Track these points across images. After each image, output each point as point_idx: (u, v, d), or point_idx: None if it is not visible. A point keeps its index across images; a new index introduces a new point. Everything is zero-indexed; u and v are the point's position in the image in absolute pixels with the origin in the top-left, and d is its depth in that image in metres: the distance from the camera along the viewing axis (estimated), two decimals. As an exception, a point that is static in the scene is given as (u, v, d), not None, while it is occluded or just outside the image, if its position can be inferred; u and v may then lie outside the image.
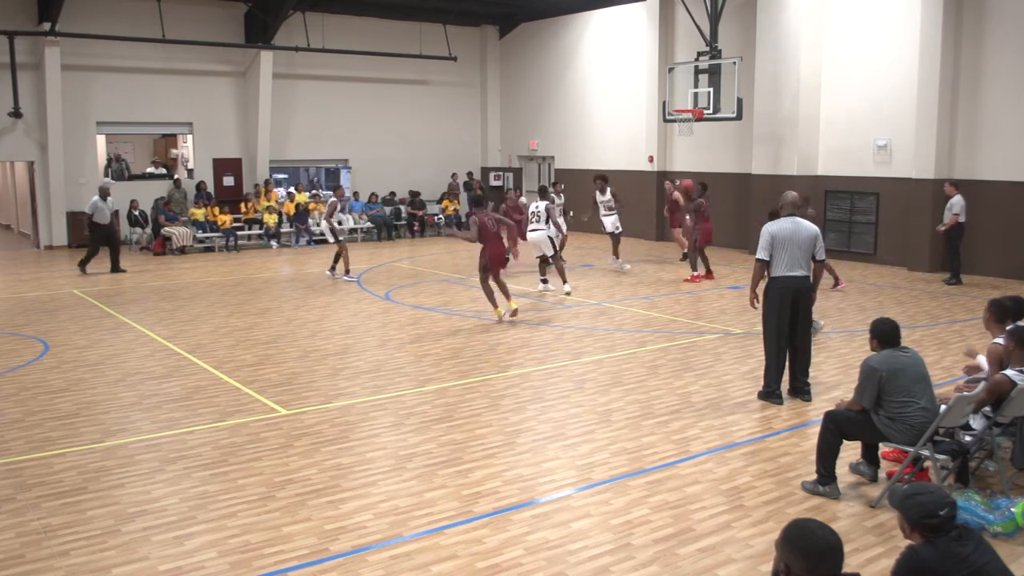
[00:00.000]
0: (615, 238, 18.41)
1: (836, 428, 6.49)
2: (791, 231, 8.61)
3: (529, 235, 15.38)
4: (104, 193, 18.61)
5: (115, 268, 18.53)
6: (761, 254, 8.67)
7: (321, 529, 6.00)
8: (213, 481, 6.90)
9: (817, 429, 6.69)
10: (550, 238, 15.23)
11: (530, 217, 15.43)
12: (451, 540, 5.82)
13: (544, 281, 15.75)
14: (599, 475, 6.98)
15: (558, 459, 7.35)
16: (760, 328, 9.13)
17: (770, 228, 8.68)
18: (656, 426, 8.19)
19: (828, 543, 3.38)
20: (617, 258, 18.43)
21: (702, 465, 7.19)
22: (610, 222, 18.22)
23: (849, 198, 19.42)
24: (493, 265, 12.86)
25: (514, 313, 13.00)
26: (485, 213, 12.99)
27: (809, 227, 8.69)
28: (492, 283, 13.00)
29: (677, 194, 18.93)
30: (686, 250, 18.79)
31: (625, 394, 9.25)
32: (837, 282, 15.56)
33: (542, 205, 15.40)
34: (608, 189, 18.11)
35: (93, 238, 18.66)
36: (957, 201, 15.97)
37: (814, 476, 6.61)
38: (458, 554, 5.62)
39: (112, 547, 5.77)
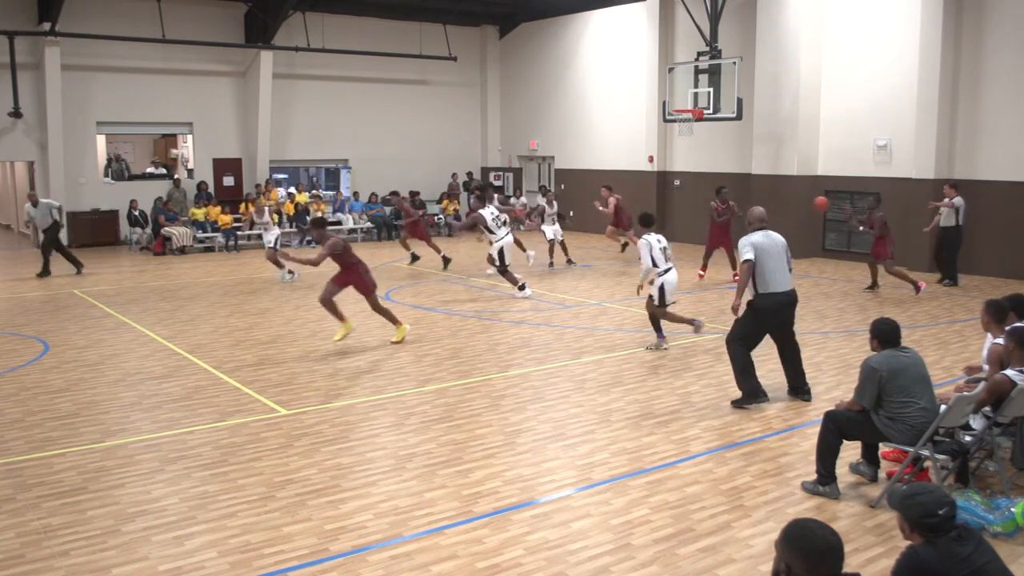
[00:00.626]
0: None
1: (836, 428, 6.49)
2: (768, 242, 8.71)
3: (500, 242, 15.12)
4: (32, 200, 18.12)
5: (77, 268, 18.18)
6: (748, 254, 8.65)
7: (321, 529, 6.00)
8: (213, 481, 6.90)
9: (817, 429, 6.68)
10: (501, 248, 15.14)
11: (492, 225, 15.17)
12: (451, 540, 5.82)
13: (523, 287, 15.17)
14: (599, 475, 6.99)
15: (558, 459, 7.36)
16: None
17: (749, 239, 8.73)
18: (656, 426, 8.19)
19: (828, 543, 3.38)
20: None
21: (702, 465, 7.19)
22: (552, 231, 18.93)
23: (849, 198, 19.39)
24: (367, 291, 11.63)
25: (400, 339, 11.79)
26: (337, 236, 11.77)
27: (780, 238, 8.85)
28: (376, 310, 11.76)
29: (613, 199, 19.17)
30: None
31: (625, 394, 9.25)
32: (916, 286, 15.03)
33: (495, 210, 15.47)
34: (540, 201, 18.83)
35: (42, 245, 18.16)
36: (960, 201, 15.86)
37: (814, 476, 6.61)
38: (458, 554, 5.62)
39: (112, 547, 5.77)
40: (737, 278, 15.81)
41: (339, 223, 25.10)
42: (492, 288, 16.08)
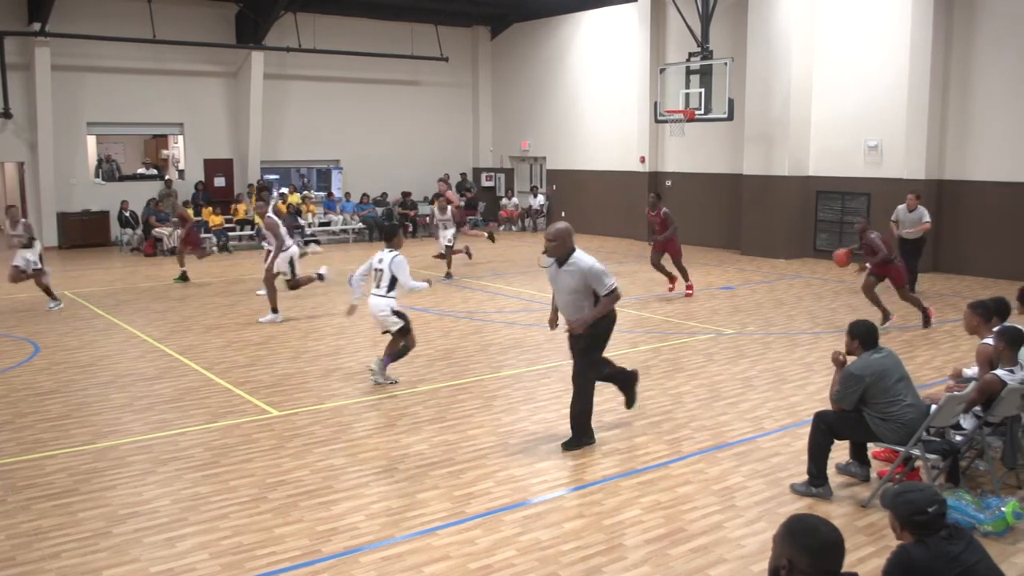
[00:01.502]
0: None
1: (827, 428, 6.51)
2: None
3: (290, 252, 13.61)
4: None
5: None
6: (614, 279, 7.49)
7: (313, 530, 5.99)
8: (205, 483, 6.88)
9: (808, 428, 6.70)
10: (292, 258, 13.56)
11: (284, 233, 13.65)
12: (443, 541, 5.82)
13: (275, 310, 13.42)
14: (591, 476, 7.00)
15: (550, 460, 7.36)
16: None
17: (596, 260, 7.50)
18: (648, 427, 8.21)
19: (832, 538, 3.37)
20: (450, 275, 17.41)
21: (693, 465, 7.20)
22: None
23: (840, 198, 19.49)
24: None
25: None
26: None
27: None
28: None
29: (450, 193, 18.77)
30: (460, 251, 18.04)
31: (616, 395, 9.17)
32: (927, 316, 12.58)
33: (276, 218, 13.86)
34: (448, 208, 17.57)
35: None
36: (927, 217, 14.79)
37: (803, 478, 6.62)
38: (450, 555, 5.62)
39: (103, 549, 5.76)
40: (672, 289, 15.21)
41: (329, 223, 25.14)
42: (483, 289, 16.08)
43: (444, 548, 5.72)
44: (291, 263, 13.55)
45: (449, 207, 17.69)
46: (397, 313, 9.52)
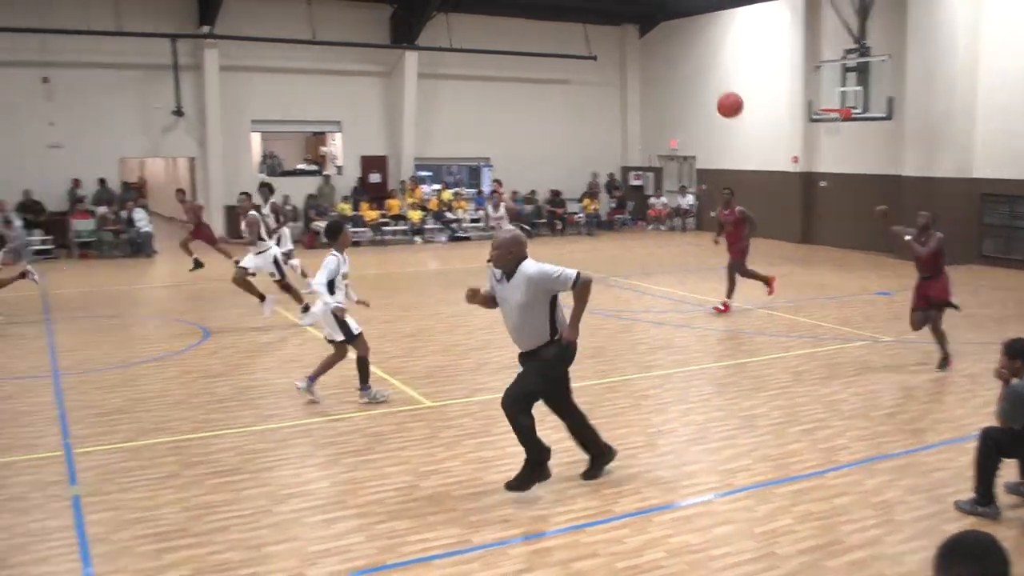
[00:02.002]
0: None
1: (994, 445, 6.20)
2: None
3: (272, 252, 13.21)
4: None
5: None
6: (570, 270, 6.56)
7: (465, 520, 6.12)
8: (361, 468, 7.14)
9: (973, 444, 6.38)
10: (275, 257, 13.13)
11: (264, 231, 13.22)
12: (592, 538, 5.84)
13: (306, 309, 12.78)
14: (741, 481, 6.88)
15: (699, 462, 7.29)
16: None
17: (542, 263, 6.74)
18: (801, 434, 8.00)
19: (991, 543, 3.24)
20: None
21: (849, 476, 6.98)
22: None
23: (1008, 202, 18.40)
24: None
25: None
26: None
27: None
28: None
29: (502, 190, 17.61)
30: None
31: (769, 399, 9.06)
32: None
33: (258, 214, 13.34)
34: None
35: None
36: None
37: (969, 495, 6.32)
38: (598, 552, 5.64)
39: (265, 526, 6.07)
40: (724, 308, 13.13)
41: (479, 220, 25.52)
42: (632, 288, 15.99)
43: (592, 545, 5.74)
44: (276, 263, 13.08)
45: (502, 205, 15.85)
46: (339, 322, 8.99)
